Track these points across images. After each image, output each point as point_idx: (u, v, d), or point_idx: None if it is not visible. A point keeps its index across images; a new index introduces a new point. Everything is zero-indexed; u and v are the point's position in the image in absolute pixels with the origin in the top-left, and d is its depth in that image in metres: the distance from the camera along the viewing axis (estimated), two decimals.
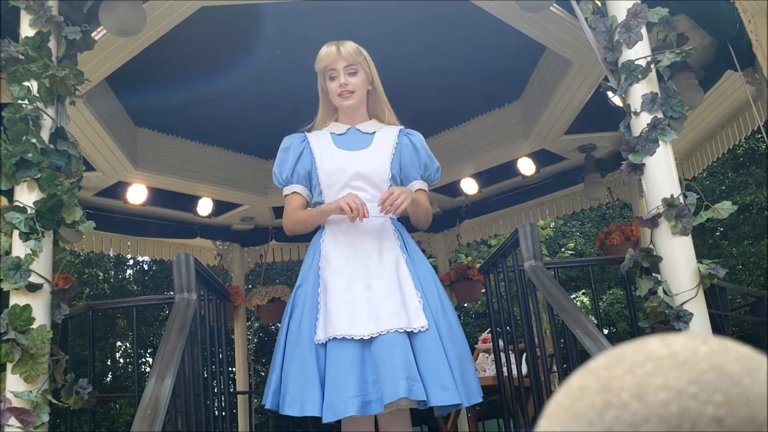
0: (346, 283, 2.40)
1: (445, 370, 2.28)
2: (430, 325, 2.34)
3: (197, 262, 2.57)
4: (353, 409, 2.20)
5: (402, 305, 2.34)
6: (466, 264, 7.33)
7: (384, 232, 2.54)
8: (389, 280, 2.40)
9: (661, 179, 2.68)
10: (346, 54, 2.62)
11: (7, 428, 2.28)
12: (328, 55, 2.63)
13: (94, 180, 5.37)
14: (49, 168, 2.50)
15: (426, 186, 2.75)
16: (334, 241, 2.51)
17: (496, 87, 5.41)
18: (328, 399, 2.25)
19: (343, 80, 2.60)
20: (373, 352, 2.29)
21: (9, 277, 2.36)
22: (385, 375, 2.20)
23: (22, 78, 2.53)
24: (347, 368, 2.26)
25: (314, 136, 2.69)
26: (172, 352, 2.17)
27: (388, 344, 2.26)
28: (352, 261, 2.44)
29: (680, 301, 2.57)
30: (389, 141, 2.69)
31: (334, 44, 2.65)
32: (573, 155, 5.82)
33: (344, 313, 2.34)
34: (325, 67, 2.64)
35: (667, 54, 2.74)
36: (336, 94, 2.63)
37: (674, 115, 2.71)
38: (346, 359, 2.27)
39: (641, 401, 0.47)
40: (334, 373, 2.27)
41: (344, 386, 2.23)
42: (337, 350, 2.30)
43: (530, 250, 2.72)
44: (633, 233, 5.51)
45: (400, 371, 2.20)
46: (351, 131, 2.70)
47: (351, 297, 2.37)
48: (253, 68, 4.85)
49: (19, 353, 2.29)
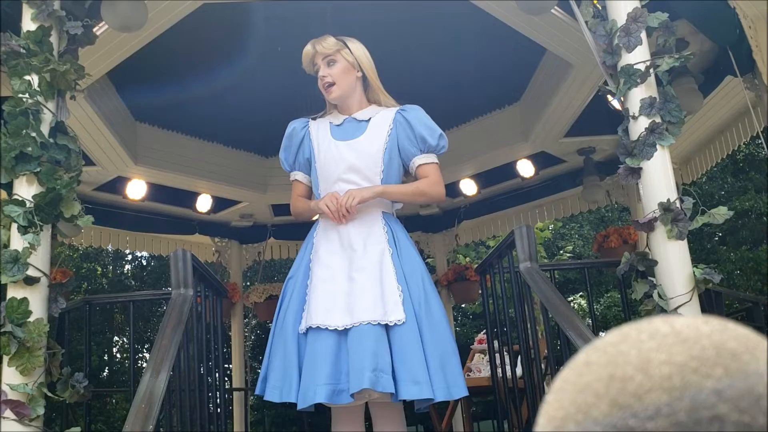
0: (330, 275, 2.45)
1: (419, 365, 2.28)
2: (409, 319, 2.35)
3: (194, 258, 2.58)
4: (322, 397, 2.24)
5: (380, 298, 2.36)
6: (464, 264, 7.34)
7: (373, 225, 2.56)
8: (370, 273, 2.42)
9: (658, 183, 2.68)
10: (321, 48, 2.67)
11: (3, 420, 2.29)
12: (307, 53, 2.71)
13: (93, 175, 5.38)
14: (48, 162, 2.51)
15: (430, 158, 2.73)
16: (324, 234, 2.59)
17: (496, 88, 5.42)
18: (302, 386, 2.32)
19: (321, 72, 2.65)
20: (349, 343, 2.33)
21: (7, 270, 2.36)
22: (352, 366, 2.24)
23: (23, 72, 2.54)
24: (321, 357, 2.30)
25: (315, 125, 2.76)
26: (167, 347, 2.18)
27: (360, 335, 2.28)
28: (338, 253, 2.49)
29: (675, 305, 2.58)
30: (384, 126, 2.68)
31: (310, 43, 2.72)
32: (572, 158, 5.84)
33: (323, 304, 2.38)
34: (309, 66, 2.74)
35: (666, 59, 2.75)
36: (322, 88, 2.70)
37: (672, 119, 2.72)
38: (321, 348, 2.31)
39: (645, 374, 0.50)
40: (309, 362, 2.34)
41: (317, 374, 2.28)
42: (314, 339, 2.35)
43: (526, 251, 2.73)
44: (631, 237, 5.52)
45: (367, 363, 2.22)
46: (347, 121, 2.73)
47: (332, 288, 2.42)
48: (254, 65, 4.86)
49: (15, 346, 2.29)
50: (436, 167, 2.73)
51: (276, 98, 5.06)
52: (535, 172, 5.90)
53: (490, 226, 7.13)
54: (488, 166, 6.05)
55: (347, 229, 2.53)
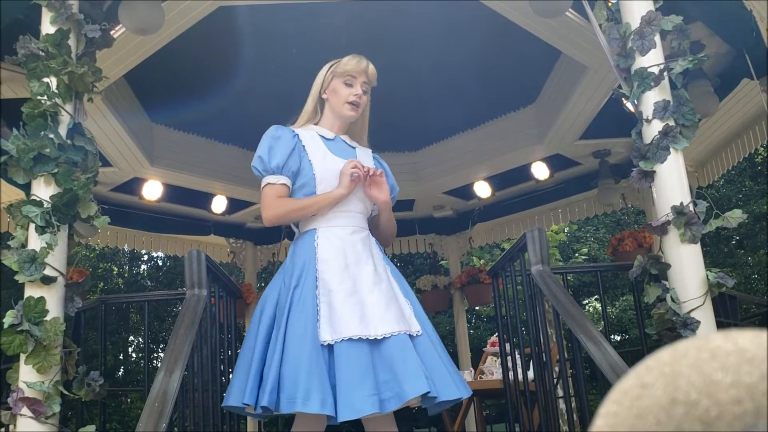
0: (352, 286, 2.44)
1: (443, 369, 2.37)
2: (422, 330, 2.45)
3: (208, 259, 2.60)
4: (374, 408, 2.25)
5: (401, 311, 2.44)
6: (478, 267, 7.33)
7: (371, 242, 2.63)
8: (387, 287, 2.48)
9: (671, 187, 2.68)
10: (371, 73, 2.70)
11: (20, 417, 2.32)
12: (358, 64, 2.69)
13: (110, 175, 5.43)
14: (65, 163, 2.54)
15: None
16: (330, 245, 2.54)
17: (511, 90, 5.42)
18: (346, 398, 2.28)
19: (359, 91, 2.66)
20: (384, 353, 2.34)
21: (24, 270, 2.40)
22: (406, 373, 2.27)
23: (41, 74, 2.58)
24: (362, 368, 2.30)
25: (304, 134, 2.69)
26: (181, 346, 2.20)
27: (402, 345, 2.33)
28: (353, 266, 2.49)
29: (688, 308, 2.57)
30: (369, 162, 2.77)
31: (364, 60, 2.73)
32: (587, 160, 5.82)
33: (356, 315, 2.38)
34: (344, 72, 2.68)
35: (680, 61, 2.74)
36: (345, 101, 2.67)
37: (686, 123, 2.71)
38: (360, 359, 2.31)
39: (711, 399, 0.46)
40: (348, 373, 2.30)
41: (361, 385, 2.27)
42: (350, 351, 2.33)
43: (538, 254, 2.73)
44: (646, 240, 5.49)
45: (419, 369, 2.27)
46: (338, 139, 2.74)
47: (359, 300, 2.42)
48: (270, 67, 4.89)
49: (32, 344, 2.33)
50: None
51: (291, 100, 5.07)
52: (549, 175, 5.89)
53: (504, 229, 7.12)
54: (502, 169, 6.05)
55: (353, 241, 2.56)
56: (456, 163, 6.10)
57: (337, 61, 2.75)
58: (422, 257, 13.10)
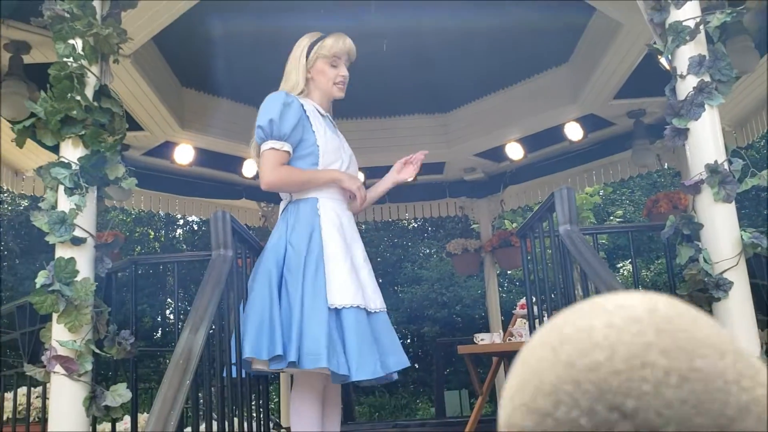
0: (351, 257, 2.62)
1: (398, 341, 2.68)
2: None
3: (234, 220, 2.61)
4: (381, 370, 2.48)
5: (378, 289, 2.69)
6: (509, 230, 7.28)
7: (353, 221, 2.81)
8: (369, 266, 2.72)
9: (706, 145, 2.60)
10: (352, 52, 2.81)
11: (53, 375, 2.38)
12: (343, 46, 2.79)
13: (142, 139, 5.47)
14: (92, 125, 2.55)
15: None
16: (330, 218, 2.65)
17: (543, 49, 5.30)
18: (359, 360, 2.44)
19: (345, 72, 2.78)
20: (374, 327, 2.57)
21: (54, 231, 2.43)
22: (392, 347, 2.55)
23: (67, 36, 2.58)
24: (369, 335, 2.52)
25: (307, 106, 2.74)
26: (206, 305, 2.22)
27: (385, 320, 2.62)
28: (351, 242, 2.67)
29: (720, 269, 2.51)
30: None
31: (347, 39, 2.82)
32: (622, 120, 5.69)
33: (359, 287, 2.57)
34: (330, 54, 2.76)
35: (718, 14, 2.64)
36: (332, 82, 2.77)
37: (722, 78, 2.62)
38: (366, 327, 2.53)
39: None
40: (359, 338, 2.49)
41: (371, 350, 2.49)
42: (359, 318, 2.52)
43: (566, 214, 2.68)
44: (681, 201, 5.39)
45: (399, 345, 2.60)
46: (327, 117, 2.85)
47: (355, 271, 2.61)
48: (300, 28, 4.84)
49: (63, 304, 2.37)
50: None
51: None
52: (583, 136, 5.78)
53: (537, 191, 7.03)
54: (535, 130, 5.95)
55: (347, 215, 2.72)
56: (487, 124, 6.02)
57: (319, 38, 2.80)
58: (453, 221, 13.07)
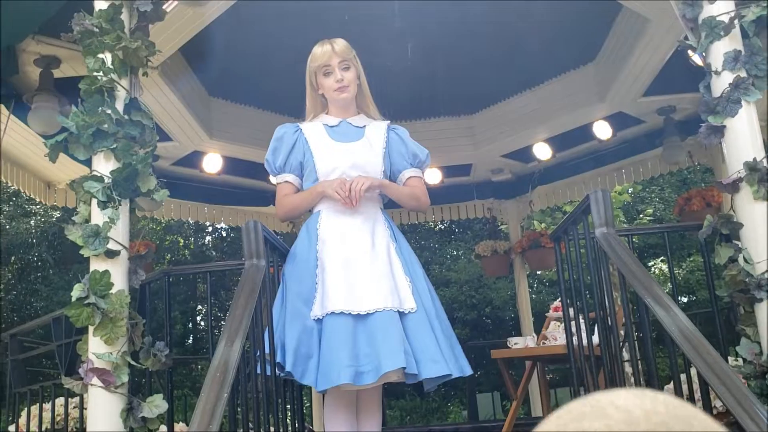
0: (344, 263, 2.56)
1: (434, 346, 2.48)
2: (419, 306, 2.56)
3: (265, 229, 2.61)
4: (347, 378, 2.35)
5: (395, 288, 2.55)
6: (539, 231, 7.22)
7: (376, 219, 2.71)
8: (383, 264, 2.59)
9: (743, 142, 2.55)
10: (340, 51, 2.77)
11: (90, 387, 2.39)
12: (324, 53, 2.77)
13: (171, 150, 5.52)
14: (124, 138, 2.57)
15: (418, 173, 2.88)
16: (330, 224, 2.64)
17: (570, 48, 5.26)
18: (323, 369, 2.42)
19: (339, 76, 2.75)
20: (368, 328, 2.46)
21: (89, 244, 2.45)
22: (385, 348, 2.39)
23: (96, 50, 2.60)
24: (342, 340, 2.42)
25: (308, 127, 2.82)
26: (241, 316, 2.22)
27: (386, 320, 2.45)
28: (349, 244, 2.60)
29: (762, 269, 2.45)
30: (380, 136, 2.83)
31: (328, 42, 2.80)
32: (651, 118, 5.61)
33: (342, 290, 2.50)
34: (319, 66, 2.78)
35: (753, 8, 2.58)
36: (332, 90, 2.77)
37: (759, 73, 2.57)
38: (341, 332, 2.43)
39: None
40: (329, 345, 2.43)
41: (340, 355, 2.39)
42: (333, 324, 2.45)
43: (602, 216, 2.64)
44: (714, 199, 5.29)
45: (398, 345, 2.39)
46: (343, 123, 2.83)
47: (348, 275, 2.53)
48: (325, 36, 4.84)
49: (99, 317, 2.39)
50: (423, 181, 2.90)
51: None
52: (612, 134, 5.71)
53: (566, 191, 6.97)
54: (563, 129, 5.89)
55: (354, 221, 2.64)
56: (514, 125, 5.97)
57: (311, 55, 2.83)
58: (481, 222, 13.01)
